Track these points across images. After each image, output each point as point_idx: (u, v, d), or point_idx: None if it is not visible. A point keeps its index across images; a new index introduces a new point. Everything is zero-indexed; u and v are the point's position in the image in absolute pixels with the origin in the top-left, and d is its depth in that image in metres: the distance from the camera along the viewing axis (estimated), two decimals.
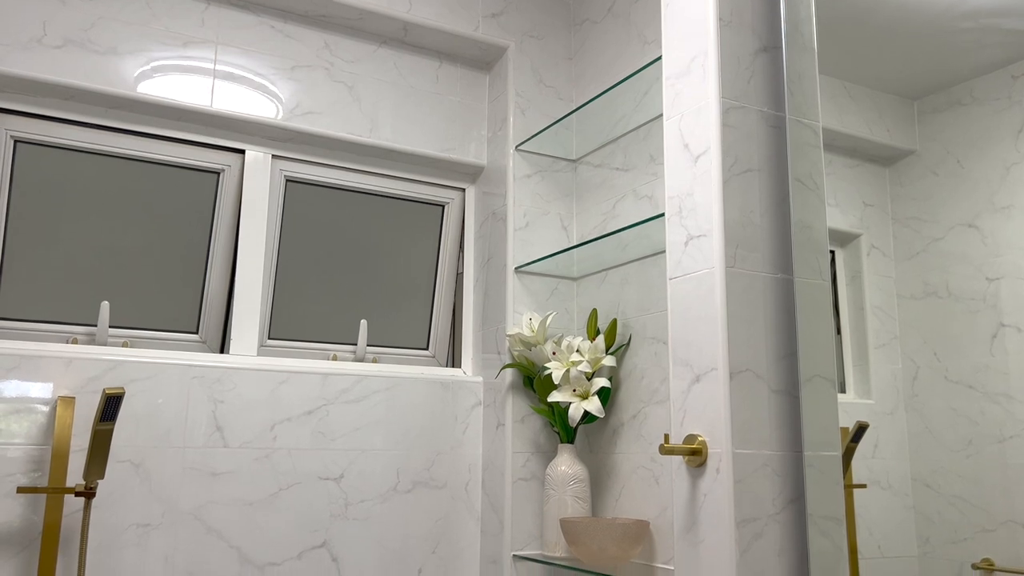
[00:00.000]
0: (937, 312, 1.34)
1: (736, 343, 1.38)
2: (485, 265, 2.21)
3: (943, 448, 1.31)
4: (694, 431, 1.41)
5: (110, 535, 1.69)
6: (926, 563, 1.30)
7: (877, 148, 1.47)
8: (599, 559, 1.71)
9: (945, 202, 1.37)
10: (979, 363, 1.27)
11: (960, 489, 1.26)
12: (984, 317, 1.27)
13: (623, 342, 1.95)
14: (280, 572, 1.84)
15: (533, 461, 2.01)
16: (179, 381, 1.81)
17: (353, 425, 1.98)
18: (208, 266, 2.03)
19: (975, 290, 1.28)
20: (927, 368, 1.36)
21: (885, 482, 1.41)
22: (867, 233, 1.51)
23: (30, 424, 1.66)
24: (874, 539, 1.38)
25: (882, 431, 1.42)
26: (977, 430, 1.26)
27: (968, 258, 1.31)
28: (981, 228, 1.31)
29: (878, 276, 1.48)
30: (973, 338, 1.28)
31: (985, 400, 1.25)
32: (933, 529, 1.29)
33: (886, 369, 1.44)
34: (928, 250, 1.39)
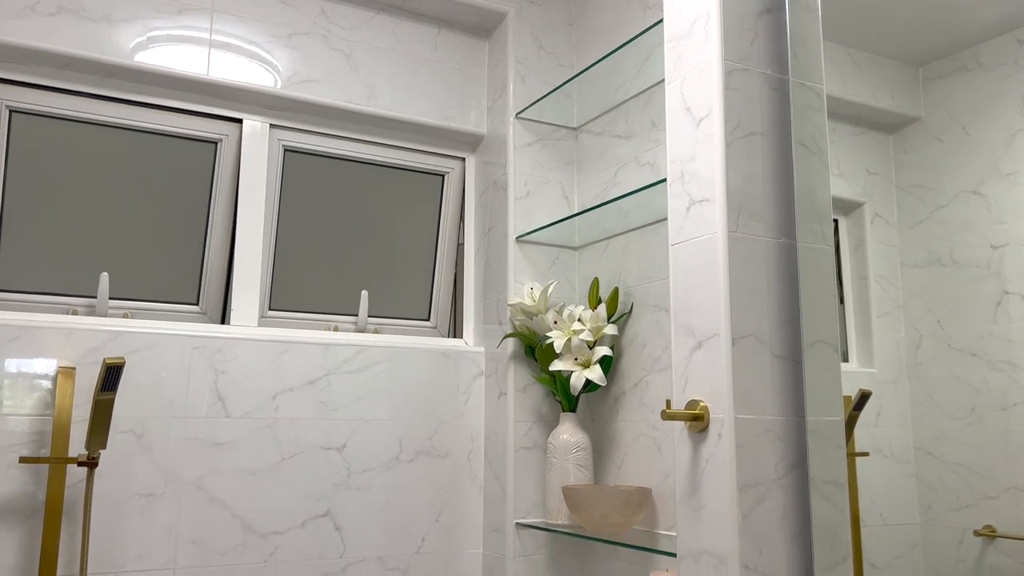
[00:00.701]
0: (941, 280, 1.34)
1: (738, 308, 1.37)
2: (486, 235, 2.20)
3: (946, 416, 1.31)
4: (696, 397, 1.41)
5: (113, 505, 1.69)
6: (928, 530, 1.30)
7: (881, 115, 1.46)
8: (601, 526, 1.71)
9: (950, 169, 1.36)
10: (983, 331, 1.26)
11: (962, 456, 1.26)
12: (988, 284, 1.27)
13: (625, 311, 1.94)
14: (283, 541, 1.84)
15: (535, 430, 2.01)
16: (180, 351, 1.80)
17: (355, 395, 1.98)
18: (207, 237, 2.02)
19: (979, 258, 1.28)
20: (930, 336, 1.35)
21: (887, 450, 1.41)
22: (871, 201, 1.50)
23: (31, 395, 1.66)
24: (876, 507, 1.38)
25: (885, 399, 1.42)
26: (980, 398, 1.25)
27: (972, 225, 1.30)
28: (986, 195, 1.30)
29: (881, 245, 1.48)
30: (977, 306, 1.27)
31: (988, 368, 1.25)
32: (935, 497, 1.29)
33: (889, 338, 1.43)
34: (932, 218, 1.39)
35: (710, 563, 1.34)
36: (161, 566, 1.72)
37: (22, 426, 1.65)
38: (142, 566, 1.70)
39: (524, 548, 1.94)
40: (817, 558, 1.34)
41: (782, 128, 1.48)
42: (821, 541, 1.35)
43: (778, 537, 1.34)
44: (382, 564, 1.94)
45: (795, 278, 1.44)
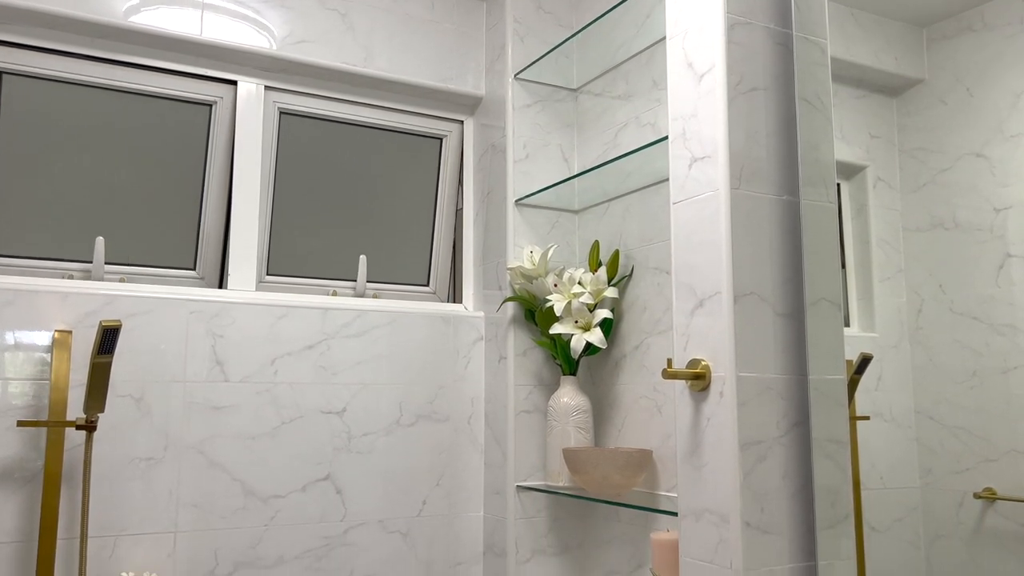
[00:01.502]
0: (943, 244, 1.33)
1: (740, 266, 1.36)
2: (485, 199, 2.18)
3: (947, 380, 1.30)
4: (697, 356, 1.40)
5: (113, 469, 1.69)
6: (928, 493, 1.30)
7: (884, 77, 1.44)
8: (602, 487, 1.71)
9: (953, 132, 1.35)
10: (985, 294, 1.26)
11: (963, 420, 1.26)
12: (991, 248, 1.26)
13: (625, 273, 1.93)
14: (284, 504, 1.85)
15: (535, 394, 2.01)
16: (177, 316, 1.79)
17: (355, 360, 1.97)
18: (203, 201, 2.00)
19: (982, 221, 1.26)
20: (932, 300, 1.34)
21: (888, 414, 1.41)
22: (873, 165, 1.49)
23: (28, 359, 1.65)
24: (876, 470, 1.38)
25: (886, 364, 1.41)
26: (982, 361, 1.25)
27: (976, 188, 1.29)
28: (990, 157, 1.28)
29: (884, 209, 1.46)
30: (979, 269, 1.26)
31: (990, 331, 1.24)
32: (935, 460, 1.29)
33: (891, 302, 1.43)
34: (935, 181, 1.37)
35: (711, 521, 1.34)
36: (162, 529, 1.72)
37: (19, 390, 1.64)
38: (143, 529, 1.70)
39: (525, 511, 1.94)
40: (819, 516, 1.34)
41: (785, 84, 1.46)
42: (823, 499, 1.35)
43: (780, 495, 1.34)
44: (383, 527, 1.95)
45: (798, 236, 1.43)
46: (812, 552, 1.36)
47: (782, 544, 1.33)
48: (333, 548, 1.89)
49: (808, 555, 1.35)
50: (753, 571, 1.29)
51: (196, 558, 1.75)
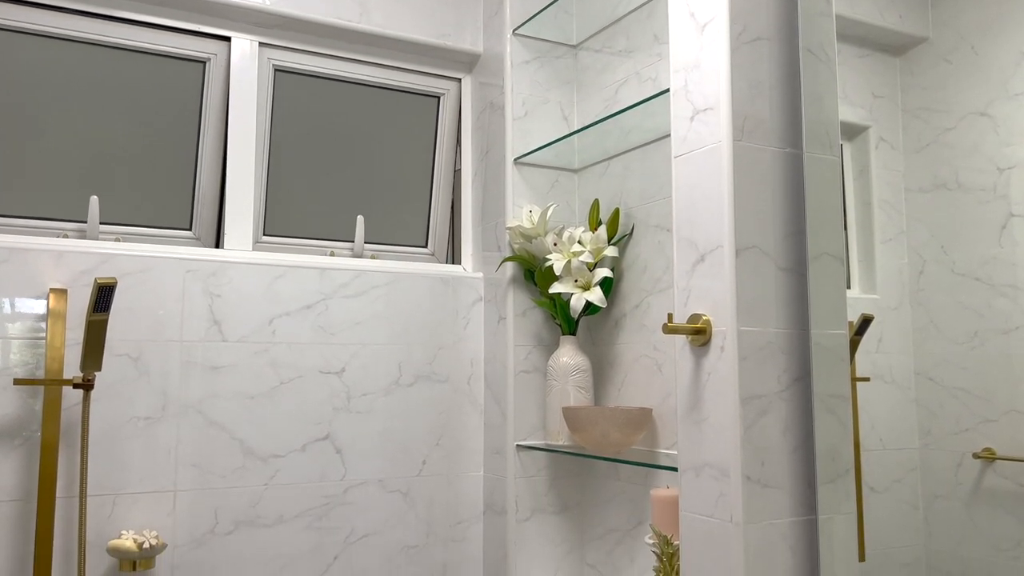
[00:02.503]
0: (945, 204, 1.31)
1: (742, 219, 1.34)
2: (483, 158, 2.15)
3: (948, 341, 1.29)
4: (698, 311, 1.39)
5: (111, 428, 1.69)
6: (927, 454, 1.30)
7: (888, 36, 1.41)
8: (602, 445, 1.71)
9: (957, 91, 1.33)
10: (987, 255, 1.25)
11: (963, 381, 1.25)
12: (993, 208, 1.24)
13: (625, 232, 1.91)
14: (284, 464, 1.85)
15: (535, 354, 2.00)
16: (173, 275, 1.77)
17: (353, 320, 1.96)
18: (198, 160, 1.97)
19: (985, 181, 1.25)
20: (933, 262, 1.33)
21: (888, 376, 1.40)
22: (876, 125, 1.47)
23: (23, 318, 1.64)
24: (876, 432, 1.38)
25: (887, 326, 1.40)
26: (983, 322, 1.24)
27: (979, 148, 1.27)
28: (994, 116, 1.26)
29: (886, 170, 1.45)
30: (981, 230, 1.25)
31: (992, 292, 1.23)
32: (935, 421, 1.29)
33: (892, 264, 1.42)
34: (938, 141, 1.36)
35: (711, 475, 1.33)
36: (162, 488, 1.72)
37: (15, 349, 1.63)
38: (143, 488, 1.70)
39: (525, 470, 1.95)
40: (819, 470, 1.34)
41: (789, 34, 1.43)
42: (824, 453, 1.34)
43: (780, 449, 1.34)
44: (383, 486, 1.95)
45: (801, 189, 1.41)
46: (812, 506, 1.36)
47: (782, 498, 1.33)
48: (333, 507, 1.89)
49: (808, 509, 1.35)
50: (753, 524, 1.29)
51: (196, 517, 1.75)
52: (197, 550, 1.74)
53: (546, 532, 1.95)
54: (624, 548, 1.85)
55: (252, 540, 1.80)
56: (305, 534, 1.85)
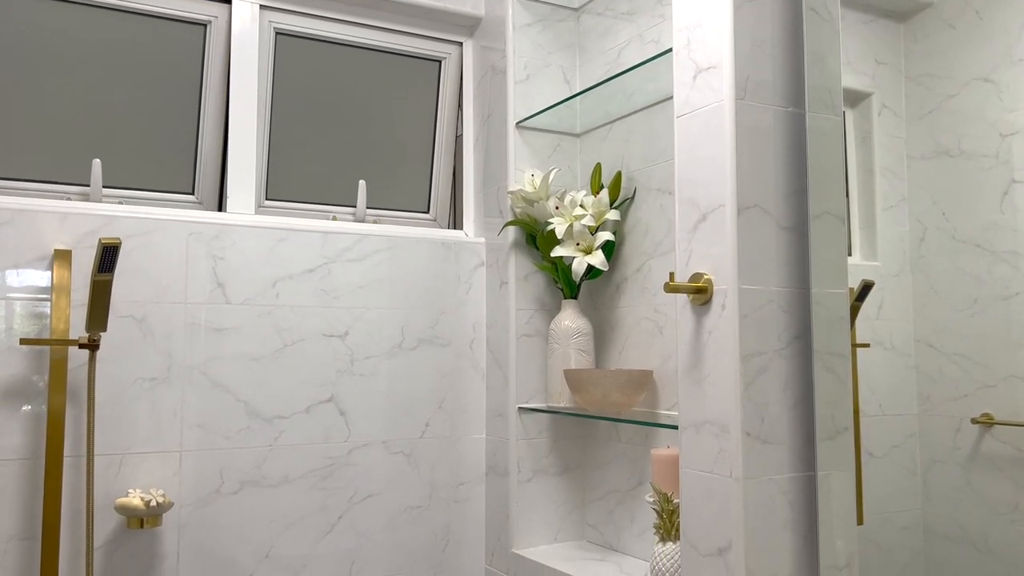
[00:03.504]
0: (947, 171, 1.31)
1: (744, 178, 1.34)
2: (485, 122, 2.15)
3: (948, 308, 1.30)
4: (700, 270, 1.39)
5: (117, 388, 1.70)
6: (925, 420, 1.31)
7: (892, 1, 1.40)
8: (603, 406, 1.72)
9: (961, 57, 1.32)
10: (988, 221, 1.25)
11: (963, 347, 1.26)
12: (996, 174, 1.24)
13: (627, 195, 1.91)
14: (288, 425, 1.87)
15: (537, 318, 2.01)
16: (176, 237, 1.78)
17: (356, 284, 1.97)
18: (200, 124, 1.97)
19: (988, 147, 1.25)
20: (935, 229, 1.34)
21: (888, 343, 1.41)
22: (879, 92, 1.46)
23: (28, 278, 1.64)
24: (875, 398, 1.39)
25: (887, 293, 1.41)
26: (983, 289, 1.25)
27: (982, 114, 1.27)
28: (997, 82, 1.26)
29: (888, 137, 1.45)
30: (983, 196, 1.25)
31: (993, 259, 1.24)
32: (934, 387, 1.30)
33: (893, 231, 1.42)
34: (941, 108, 1.35)
35: (711, 432, 1.35)
36: (168, 448, 1.74)
37: (21, 310, 1.64)
38: (149, 448, 1.72)
39: (526, 432, 1.97)
40: (819, 427, 1.36)
41: None
42: (823, 411, 1.36)
43: (780, 406, 1.35)
44: (387, 448, 1.97)
45: (803, 149, 1.41)
46: (811, 462, 1.37)
47: (782, 454, 1.34)
48: (337, 468, 1.91)
49: (808, 465, 1.37)
50: (753, 480, 1.31)
51: (202, 476, 1.77)
52: (203, 509, 1.77)
53: (547, 493, 1.97)
54: (624, 508, 1.87)
55: (257, 500, 1.82)
56: (310, 494, 1.88)
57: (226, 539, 1.78)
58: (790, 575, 1.33)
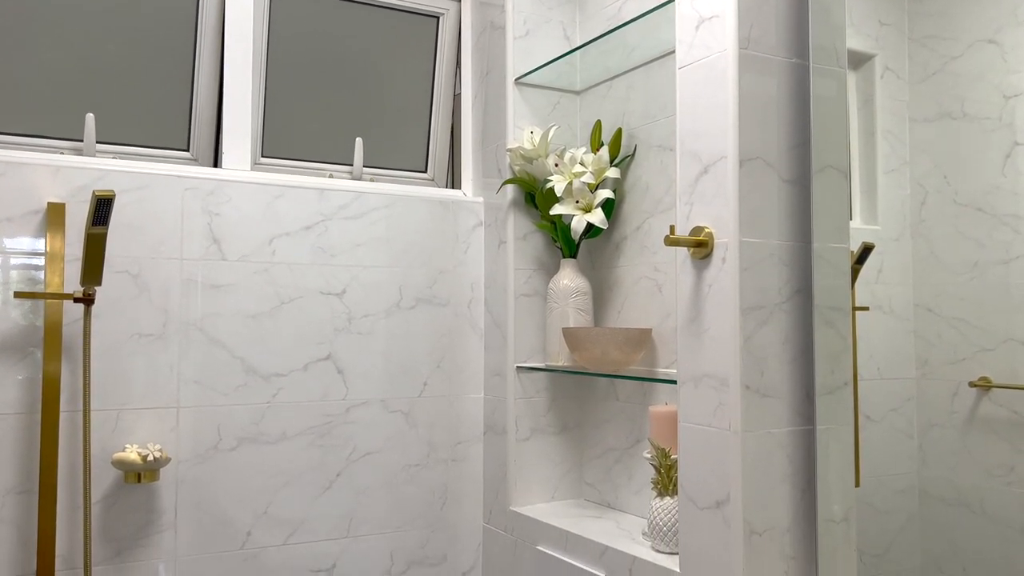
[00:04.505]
0: (950, 134, 1.30)
1: (747, 130, 1.33)
2: (484, 79, 2.12)
3: (947, 272, 1.29)
4: (701, 224, 1.38)
5: (113, 344, 1.69)
6: (924, 384, 1.31)
7: None
8: (601, 364, 1.72)
9: (965, 17, 1.30)
10: (990, 184, 1.23)
11: (962, 311, 1.25)
12: (998, 137, 1.23)
13: (628, 153, 1.89)
14: (286, 383, 1.86)
15: (535, 278, 2.00)
16: (171, 192, 1.76)
17: (353, 242, 1.95)
18: (195, 79, 1.94)
19: (990, 109, 1.23)
20: (936, 193, 1.32)
21: (887, 307, 1.41)
22: (882, 54, 1.44)
23: (22, 232, 1.63)
24: (874, 362, 1.38)
25: (887, 257, 1.40)
26: (983, 252, 1.24)
27: (985, 76, 1.25)
28: (1001, 43, 1.24)
29: (891, 99, 1.43)
30: (985, 159, 1.24)
31: (993, 222, 1.23)
32: (932, 351, 1.29)
33: (894, 195, 1.41)
34: (944, 70, 1.33)
35: (711, 385, 1.34)
36: (165, 404, 1.73)
37: (15, 264, 1.62)
38: (146, 404, 1.72)
39: (524, 391, 1.96)
40: (818, 381, 1.35)
41: None
42: (823, 365, 1.35)
43: (780, 359, 1.34)
44: (385, 407, 1.97)
45: (806, 100, 1.39)
46: (811, 416, 1.37)
47: (781, 408, 1.34)
48: (335, 426, 1.91)
49: (806, 419, 1.37)
50: (751, 433, 1.30)
51: (199, 433, 1.77)
52: (201, 465, 1.76)
53: (545, 452, 1.97)
54: (622, 466, 1.87)
55: (255, 456, 1.82)
56: (308, 451, 1.88)
57: (224, 495, 1.78)
58: (788, 528, 1.33)
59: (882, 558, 1.31)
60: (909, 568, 1.29)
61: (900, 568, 1.28)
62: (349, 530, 1.92)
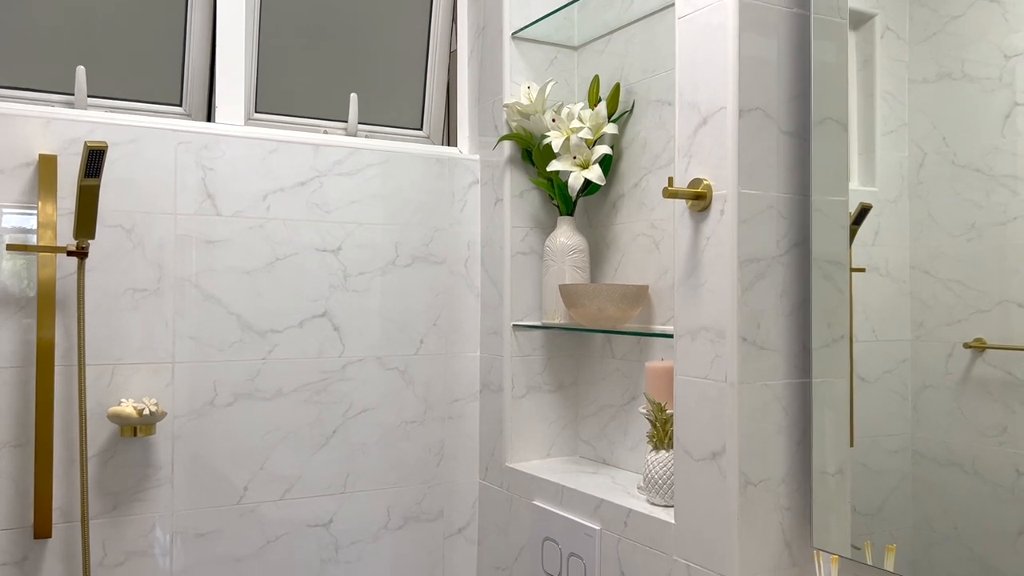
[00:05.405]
0: (949, 95, 1.28)
1: (747, 80, 1.31)
2: (480, 34, 2.09)
3: (944, 233, 1.28)
4: (699, 176, 1.37)
5: (107, 299, 1.68)
6: (918, 345, 1.30)
7: None
8: (598, 320, 1.72)
9: None
10: (989, 145, 1.22)
11: (958, 273, 1.24)
12: (998, 97, 1.21)
13: (626, 108, 1.87)
14: (281, 339, 1.86)
15: (532, 236, 1.99)
16: (164, 146, 1.74)
17: (348, 198, 1.94)
18: (187, 33, 1.91)
19: (991, 70, 1.21)
20: (934, 154, 1.31)
21: (884, 268, 1.40)
22: (882, 13, 1.42)
23: (12, 185, 1.61)
24: (869, 323, 1.38)
25: (884, 218, 1.39)
26: (981, 213, 1.23)
27: (986, 36, 1.23)
28: (1003, 2, 1.22)
29: (891, 60, 1.40)
30: (985, 120, 1.22)
31: (992, 183, 1.21)
32: (928, 313, 1.29)
33: (892, 156, 1.39)
34: (945, 30, 1.31)
35: (707, 338, 1.34)
36: (160, 359, 1.73)
37: (6, 216, 1.61)
38: (141, 359, 1.71)
39: (521, 349, 1.96)
40: (815, 334, 1.35)
41: None
42: (819, 319, 1.35)
43: (777, 312, 1.34)
44: (381, 364, 1.97)
45: (807, 51, 1.37)
46: (807, 369, 1.37)
47: (777, 360, 1.34)
48: (332, 383, 1.91)
49: (803, 372, 1.37)
50: (748, 385, 1.30)
51: (195, 388, 1.77)
52: (197, 421, 1.77)
53: (541, 409, 1.98)
54: (618, 423, 1.88)
55: (251, 412, 1.82)
56: (304, 408, 1.88)
57: (220, 451, 1.79)
58: (783, 479, 1.34)
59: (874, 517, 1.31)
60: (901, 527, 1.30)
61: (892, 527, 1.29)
62: (346, 486, 1.92)
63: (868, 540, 1.30)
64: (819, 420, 1.35)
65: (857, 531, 1.31)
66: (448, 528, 2.05)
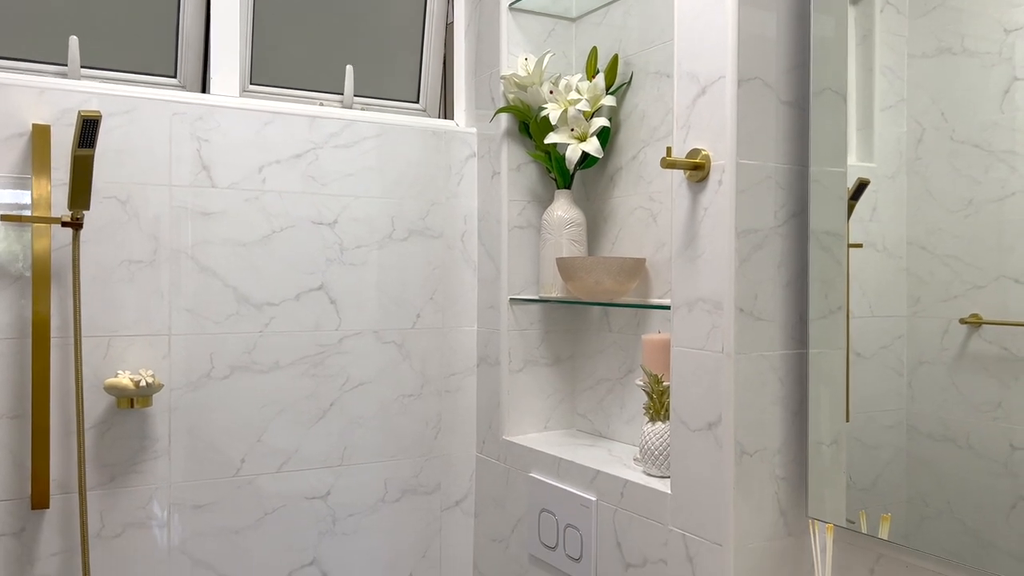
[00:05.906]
0: (948, 70, 1.26)
1: (746, 50, 1.30)
2: (477, 6, 2.07)
3: (942, 209, 1.27)
4: (698, 146, 1.36)
5: (103, 271, 1.68)
6: (915, 321, 1.30)
7: None
8: (595, 293, 1.71)
9: None
10: (988, 120, 1.21)
11: (955, 249, 1.24)
12: (998, 72, 1.20)
13: (624, 80, 1.86)
14: (278, 312, 1.85)
15: (529, 209, 1.98)
16: (159, 117, 1.73)
17: (344, 171, 1.92)
18: (181, 3, 1.89)
19: (990, 44, 1.20)
20: (933, 129, 1.30)
21: (880, 244, 1.39)
22: None
23: (4, 154, 1.60)
24: (866, 299, 1.37)
25: (881, 194, 1.38)
26: (979, 189, 1.22)
27: (987, 10, 1.21)
28: None
29: (890, 35, 1.39)
30: (984, 95, 1.21)
31: (990, 159, 1.21)
32: (925, 289, 1.28)
33: (890, 132, 1.38)
34: (945, 4, 1.29)
35: (704, 309, 1.34)
36: (157, 332, 1.73)
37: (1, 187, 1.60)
38: (138, 331, 1.71)
39: (518, 323, 1.96)
40: (812, 306, 1.35)
41: None
42: (817, 290, 1.35)
43: (774, 283, 1.34)
44: (378, 337, 1.97)
45: (806, 20, 1.36)
46: (803, 340, 1.37)
47: (774, 331, 1.34)
48: (328, 356, 1.91)
49: (799, 343, 1.37)
50: (744, 355, 1.30)
51: (191, 360, 1.76)
52: (193, 393, 1.77)
53: (538, 383, 1.98)
54: (614, 396, 1.88)
55: (248, 385, 1.82)
56: (301, 380, 1.88)
57: (217, 423, 1.79)
58: (779, 449, 1.34)
59: (869, 491, 1.32)
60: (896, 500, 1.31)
61: (887, 500, 1.29)
62: (343, 459, 1.93)
63: (863, 511, 1.31)
64: (815, 391, 1.35)
65: (852, 504, 1.32)
66: (445, 501, 2.06)
